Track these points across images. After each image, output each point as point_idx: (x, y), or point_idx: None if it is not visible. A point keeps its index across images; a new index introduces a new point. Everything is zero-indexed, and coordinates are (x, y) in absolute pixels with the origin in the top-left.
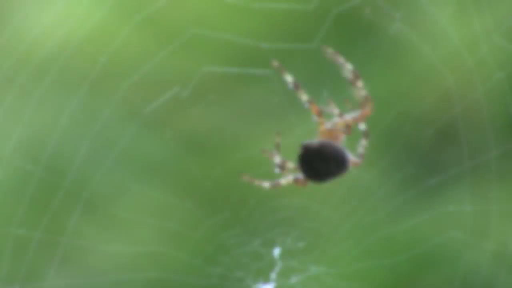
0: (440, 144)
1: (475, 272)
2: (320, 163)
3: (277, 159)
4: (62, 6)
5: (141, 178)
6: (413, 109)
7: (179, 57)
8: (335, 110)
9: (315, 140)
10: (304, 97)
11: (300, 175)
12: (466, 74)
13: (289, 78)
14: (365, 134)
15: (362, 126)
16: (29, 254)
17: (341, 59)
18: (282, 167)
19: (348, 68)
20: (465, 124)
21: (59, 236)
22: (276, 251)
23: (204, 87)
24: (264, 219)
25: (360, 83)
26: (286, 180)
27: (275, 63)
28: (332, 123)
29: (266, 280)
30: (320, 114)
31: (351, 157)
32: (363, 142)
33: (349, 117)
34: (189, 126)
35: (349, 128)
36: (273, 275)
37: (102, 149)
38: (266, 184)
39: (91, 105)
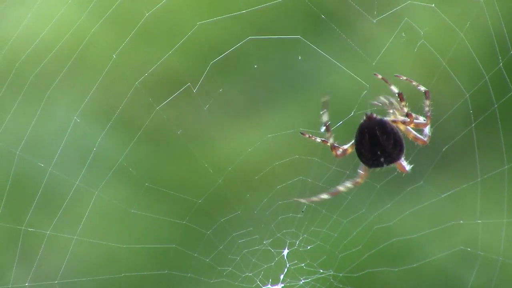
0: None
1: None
2: (377, 136)
3: (325, 117)
4: (36, 7)
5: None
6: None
7: (154, 52)
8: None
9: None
10: (405, 109)
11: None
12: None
13: (394, 89)
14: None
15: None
16: None
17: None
18: (327, 128)
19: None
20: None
21: (26, 238)
22: (285, 252)
23: (180, 81)
24: (274, 220)
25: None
26: (344, 186)
27: (379, 76)
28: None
29: (275, 280)
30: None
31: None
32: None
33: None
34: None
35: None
36: (282, 276)
37: (77, 147)
38: (324, 196)
39: (63, 105)
